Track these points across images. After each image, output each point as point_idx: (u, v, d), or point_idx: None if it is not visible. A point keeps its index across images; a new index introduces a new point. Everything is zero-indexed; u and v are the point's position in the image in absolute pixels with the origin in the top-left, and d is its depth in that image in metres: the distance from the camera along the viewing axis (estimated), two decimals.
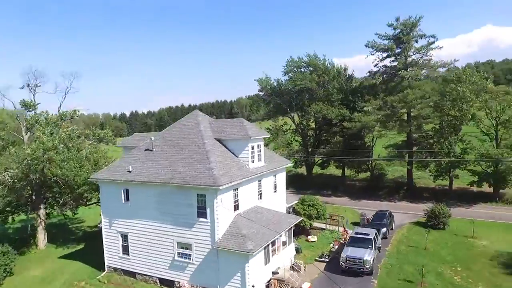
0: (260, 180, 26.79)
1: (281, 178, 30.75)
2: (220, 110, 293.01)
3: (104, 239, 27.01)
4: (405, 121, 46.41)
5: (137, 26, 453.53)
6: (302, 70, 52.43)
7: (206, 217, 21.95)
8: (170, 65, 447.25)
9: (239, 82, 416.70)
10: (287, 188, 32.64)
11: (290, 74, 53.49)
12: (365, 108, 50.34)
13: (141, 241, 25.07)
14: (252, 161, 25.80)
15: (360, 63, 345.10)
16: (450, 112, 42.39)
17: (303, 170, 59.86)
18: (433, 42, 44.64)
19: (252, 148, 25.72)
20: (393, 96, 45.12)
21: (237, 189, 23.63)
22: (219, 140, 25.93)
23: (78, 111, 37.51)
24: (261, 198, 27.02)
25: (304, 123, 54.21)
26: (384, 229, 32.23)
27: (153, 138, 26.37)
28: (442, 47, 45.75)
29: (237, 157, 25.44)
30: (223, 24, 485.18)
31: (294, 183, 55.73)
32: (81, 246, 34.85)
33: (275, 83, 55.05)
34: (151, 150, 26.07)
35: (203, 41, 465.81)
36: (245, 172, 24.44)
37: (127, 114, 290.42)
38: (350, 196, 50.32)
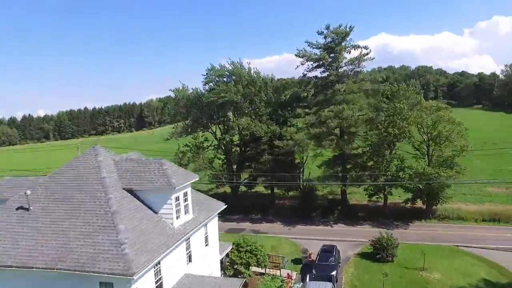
0: (189, 239, 20.03)
1: (213, 226, 24.30)
2: (128, 114, 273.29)
3: None
4: (340, 137, 42.92)
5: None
6: (226, 79, 46.21)
7: None
8: (69, 64, 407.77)
9: (150, 83, 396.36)
10: None
11: (211, 84, 46.94)
12: (297, 124, 45.95)
13: None
14: (178, 217, 18.94)
15: (269, 65, 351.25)
16: (388, 130, 39.84)
17: (227, 188, 53.83)
18: (367, 54, 41.76)
19: (177, 199, 18.86)
20: (327, 111, 41.29)
21: (159, 263, 16.62)
22: (130, 191, 18.56)
23: None
24: (190, 261, 20.26)
25: (228, 139, 48.12)
26: (334, 273, 27.61)
27: (28, 192, 17.83)
28: (374, 58, 43.22)
29: (156, 213, 18.37)
30: (133, 22, 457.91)
31: None
32: None
33: (193, 93, 48.06)
34: (27, 210, 17.70)
35: (108, 39, 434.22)
36: (169, 237, 17.51)
37: (19, 118, 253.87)
38: (282, 220, 45.48)
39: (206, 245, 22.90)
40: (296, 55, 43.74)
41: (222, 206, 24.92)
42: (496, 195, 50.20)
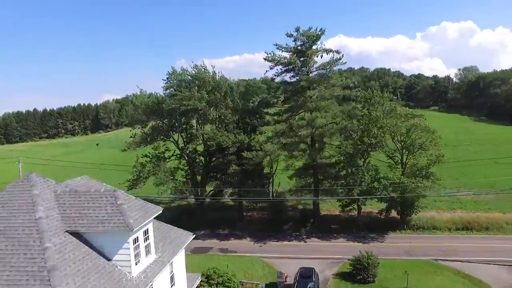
0: (152, 284, 16.48)
1: (180, 261, 20.79)
2: (83, 115, 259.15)
3: None
4: (311, 146, 40.50)
5: None
6: (188, 84, 42.36)
7: None
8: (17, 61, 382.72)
9: (106, 84, 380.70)
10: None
11: (172, 89, 42.99)
12: (265, 132, 43.06)
13: None
14: (137, 262, 15.36)
15: (229, 65, 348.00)
16: (364, 139, 37.83)
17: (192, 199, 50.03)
18: (340, 59, 39.60)
19: (136, 241, 15.28)
20: (298, 119, 38.76)
21: None
22: (75, 234, 14.76)
23: None
24: None
25: (191, 149, 44.43)
26: None
27: None
28: (345, 62, 41.17)
29: (110, 260, 14.71)
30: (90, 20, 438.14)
31: (183, 221, 45.55)
32: None
33: (152, 99, 43.95)
34: None
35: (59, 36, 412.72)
36: None
37: None
38: (252, 235, 42.42)
39: (172, 285, 19.41)
40: (264, 59, 40.90)
41: (190, 237, 21.52)
42: (466, 201, 50.06)
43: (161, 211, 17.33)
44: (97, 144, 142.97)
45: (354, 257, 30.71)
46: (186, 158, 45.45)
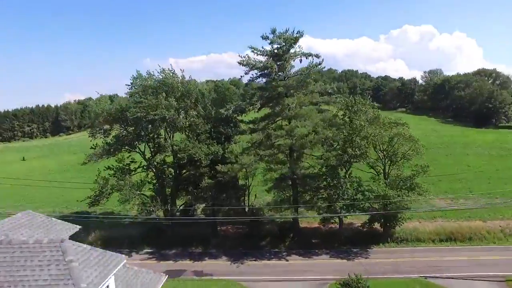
0: None
1: None
2: (42, 117, 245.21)
3: None
4: (289, 157, 37.77)
5: None
6: (155, 90, 38.43)
7: None
8: None
9: (67, 82, 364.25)
10: (142, 248, 19.53)
11: (137, 95, 38.98)
12: (239, 141, 39.90)
13: None
14: None
15: (196, 65, 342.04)
16: (347, 150, 35.44)
17: (161, 213, 46.02)
18: (320, 64, 37.03)
19: None
20: (275, 127, 35.91)
21: None
22: None
23: None
24: None
25: (159, 160, 40.62)
26: None
27: None
28: (324, 67, 38.74)
29: None
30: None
31: (151, 239, 41.76)
32: None
33: (115, 106, 39.79)
34: None
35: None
36: None
37: None
38: (227, 253, 39.06)
39: None
40: (239, 63, 37.68)
41: (163, 280, 17.96)
42: (445, 209, 49.00)
43: (124, 261, 13.83)
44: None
45: (342, 281, 28.14)
46: (154, 170, 41.54)
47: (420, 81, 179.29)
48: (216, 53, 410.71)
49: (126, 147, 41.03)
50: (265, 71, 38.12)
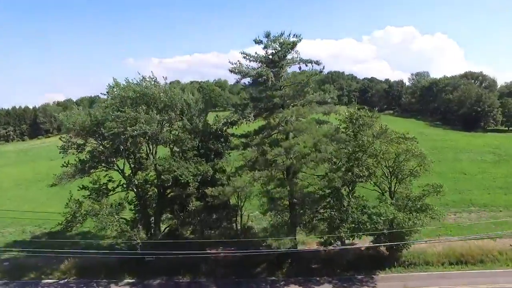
0: None
1: None
2: (19, 119, 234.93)
3: None
4: (287, 176, 33.87)
5: None
6: (135, 102, 33.86)
7: None
8: None
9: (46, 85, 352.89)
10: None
11: (113, 107, 34.30)
12: (230, 154, 35.84)
13: None
14: None
15: (181, 65, 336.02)
16: (354, 170, 31.74)
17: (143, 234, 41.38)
18: (321, 72, 33.27)
19: None
20: (271, 143, 31.98)
21: None
22: None
23: None
24: None
25: (141, 179, 36.20)
26: None
27: None
28: (324, 74, 34.97)
29: None
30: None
31: (133, 267, 37.14)
32: None
33: (89, 119, 35.00)
34: None
35: None
36: None
37: None
38: (219, 283, 35.09)
39: None
40: (230, 70, 33.64)
41: None
42: (449, 226, 45.95)
43: None
44: None
45: None
46: (135, 190, 37.01)
47: (407, 83, 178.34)
48: (200, 53, 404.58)
49: (103, 165, 36.36)
50: (260, 79, 34.07)
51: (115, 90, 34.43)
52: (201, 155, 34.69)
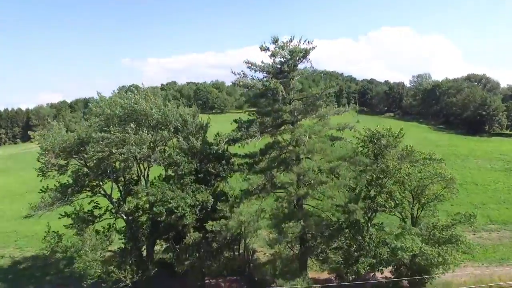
0: None
1: None
2: (11, 122, 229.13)
3: None
4: (297, 206, 29.59)
5: None
6: (123, 120, 29.48)
7: None
8: None
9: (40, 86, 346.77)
10: None
11: (97, 125, 29.87)
12: (230, 175, 31.49)
13: None
14: None
15: (178, 65, 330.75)
16: (377, 199, 27.60)
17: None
18: (337, 84, 29.12)
19: None
20: (281, 168, 27.73)
21: None
22: None
23: None
24: None
25: (131, 205, 31.84)
26: None
27: None
28: (337, 86, 30.76)
29: None
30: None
31: None
32: None
33: (70, 139, 30.50)
34: None
35: None
36: None
37: None
38: None
39: None
40: (233, 83, 29.40)
41: None
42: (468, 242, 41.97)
43: None
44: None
45: None
46: (125, 217, 32.65)
47: (408, 85, 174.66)
48: (196, 53, 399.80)
49: (87, 189, 31.97)
50: (268, 92, 29.81)
51: (100, 106, 29.87)
52: (199, 181, 30.25)
